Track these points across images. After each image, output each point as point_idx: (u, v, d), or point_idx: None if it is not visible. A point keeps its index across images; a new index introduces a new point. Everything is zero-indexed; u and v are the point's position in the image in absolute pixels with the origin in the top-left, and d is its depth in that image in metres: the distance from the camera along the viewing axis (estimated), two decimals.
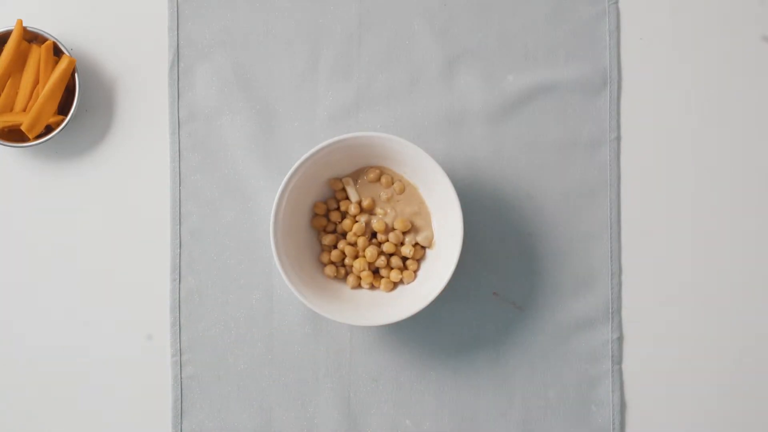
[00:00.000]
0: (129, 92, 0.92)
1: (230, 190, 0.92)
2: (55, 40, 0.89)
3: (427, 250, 0.89)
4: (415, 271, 0.88)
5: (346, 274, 0.89)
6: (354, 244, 0.88)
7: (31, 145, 0.88)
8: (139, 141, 0.92)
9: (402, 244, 0.88)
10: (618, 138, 0.93)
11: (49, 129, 0.89)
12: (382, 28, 0.93)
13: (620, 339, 0.92)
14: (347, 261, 0.88)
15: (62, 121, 0.88)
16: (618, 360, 0.92)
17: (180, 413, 0.91)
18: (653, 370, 0.92)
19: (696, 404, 0.92)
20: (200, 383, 0.91)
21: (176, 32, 0.92)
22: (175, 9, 0.92)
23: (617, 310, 0.92)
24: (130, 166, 0.92)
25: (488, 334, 0.91)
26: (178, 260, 0.91)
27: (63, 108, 0.89)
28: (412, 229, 0.88)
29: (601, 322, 0.92)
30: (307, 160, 0.84)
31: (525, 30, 0.93)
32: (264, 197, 0.91)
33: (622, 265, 0.92)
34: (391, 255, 0.88)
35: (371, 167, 0.89)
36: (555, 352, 0.91)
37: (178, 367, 0.91)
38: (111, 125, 0.92)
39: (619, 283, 0.92)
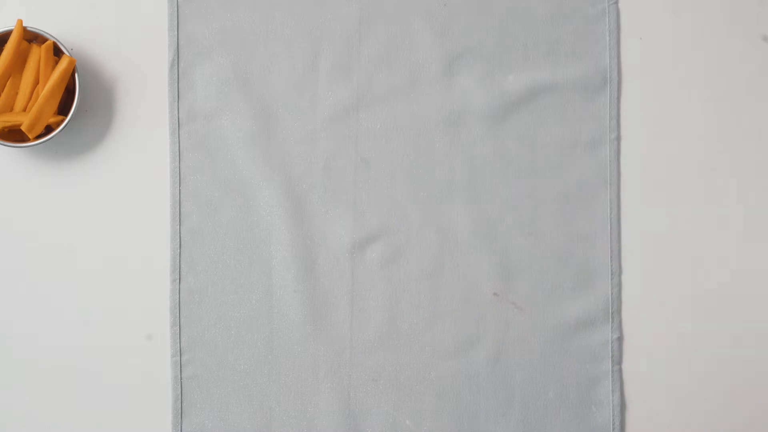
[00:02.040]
0: (129, 92, 0.92)
1: (230, 190, 0.92)
2: (55, 40, 0.88)
3: None
4: None
5: None
6: None
7: (31, 145, 0.88)
8: (139, 141, 0.92)
9: None
10: (618, 138, 0.93)
11: (49, 129, 0.89)
12: (382, 28, 0.92)
13: (620, 339, 0.92)
14: None
15: (62, 121, 0.88)
16: (618, 360, 0.92)
17: (180, 413, 0.91)
18: (653, 370, 0.92)
19: (696, 404, 0.92)
20: (200, 383, 0.91)
21: (176, 32, 0.92)
22: (175, 9, 0.92)
23: (617, 310, 0.92)
24: (130, 166, 0.92)
25: (488, 334, 0.91)
26: (178, 260, 0.91)
27: (63, 108, 0.89)
28: None
29: (601, 322, 0.91)
30: None
31: (525, 30, 0.93)
32: (264, 197, 0.91)
33: (622, 265, 0.92)
34: None
35: None
36: (555, 352, 0.91)
37: (178, 367, 0.91)
38: (111, 125, 0.92)
39: (619, 283, 0.92)
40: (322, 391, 0.91)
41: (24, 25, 0.88)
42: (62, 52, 0.89)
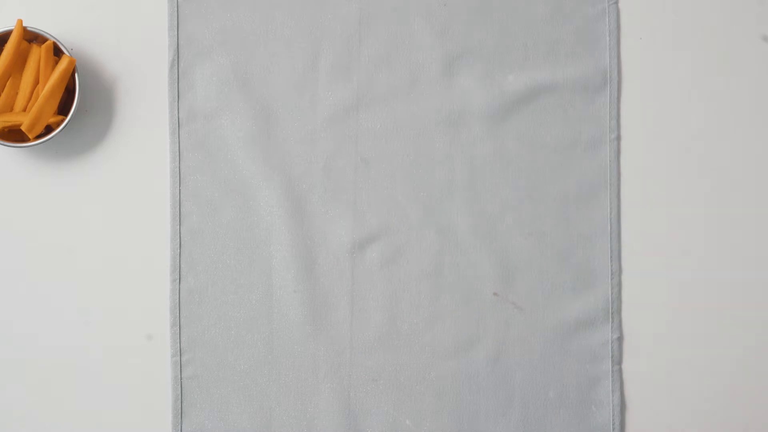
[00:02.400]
0: (129, 92, 0.92)
1: (230, 190, 0.92)
2: (55, 40, 0.88)
3: None
4: None
5: None
6: None
7: (31, 145, 0.88)
8: (139, 141, 0.92)
9: None
10: (618, 138, 0.93)
11: (49, 129, 0.89)
12: (382, 28, 0.93)
13: (620, 339, 0.92)
14: None
15: (62, 121, 0.88)
16: (618, 360, 0.92)
17: (180, 413, 0.91)
18: (653, 370, 0.92)
19: (696, 404, 0.92)
20: (200, 383, 0.91)
21: (176, 32, 0.92)
22: (175, 9, 0.92)
23: (617, 310, 0.92)
24: (130, 166, 0.92)
25: (488, 334, 0.91)
26: (178, 260, 0.91)
27: (63, 108, 0.89)
28: None
29: (601, 322, 0.92)
30: None
31: (525, 30, 0.93)
32: (264, 197, 0.91)
33: (622, 265, 0.92)
34: None
35: None
36: (555, 352, 0.91)
37: (178, 367, 0.91)
38: (111, 125, 0.92)
39: (619, 283, 0.92)
40: (322, 391, 0.91)
41: (24, 25, 0.88)
42: (62, 52, 0.89)
